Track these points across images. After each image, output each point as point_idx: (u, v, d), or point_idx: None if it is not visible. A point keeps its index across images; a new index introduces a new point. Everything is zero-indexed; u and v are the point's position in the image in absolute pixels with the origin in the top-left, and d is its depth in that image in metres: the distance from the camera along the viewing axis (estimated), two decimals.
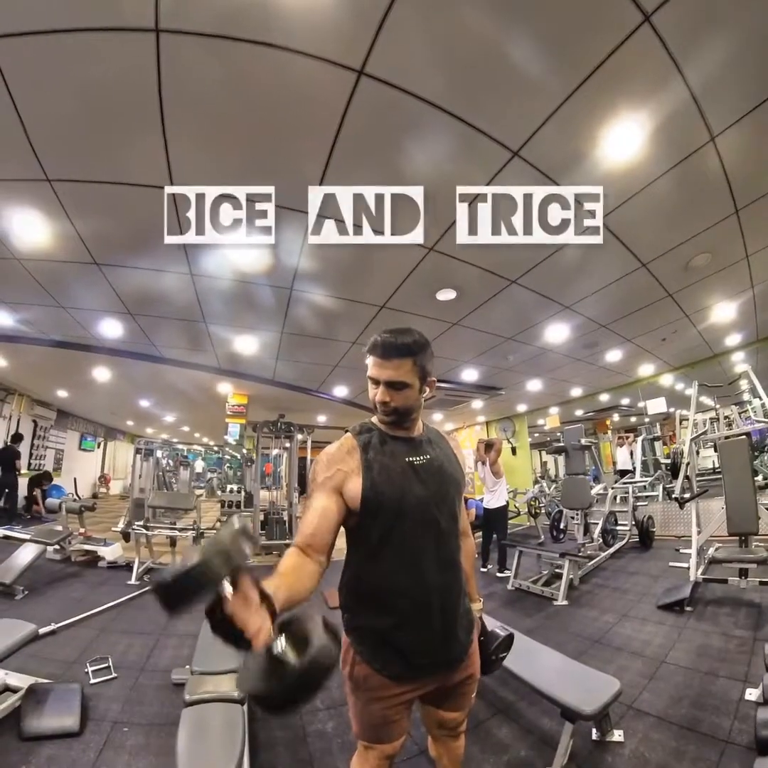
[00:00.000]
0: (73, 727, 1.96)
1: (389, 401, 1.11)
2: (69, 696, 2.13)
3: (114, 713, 2.17)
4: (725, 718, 1.98)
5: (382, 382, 1.10)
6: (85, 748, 1.88)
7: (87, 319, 4.39)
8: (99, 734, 1.99)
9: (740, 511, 3.53)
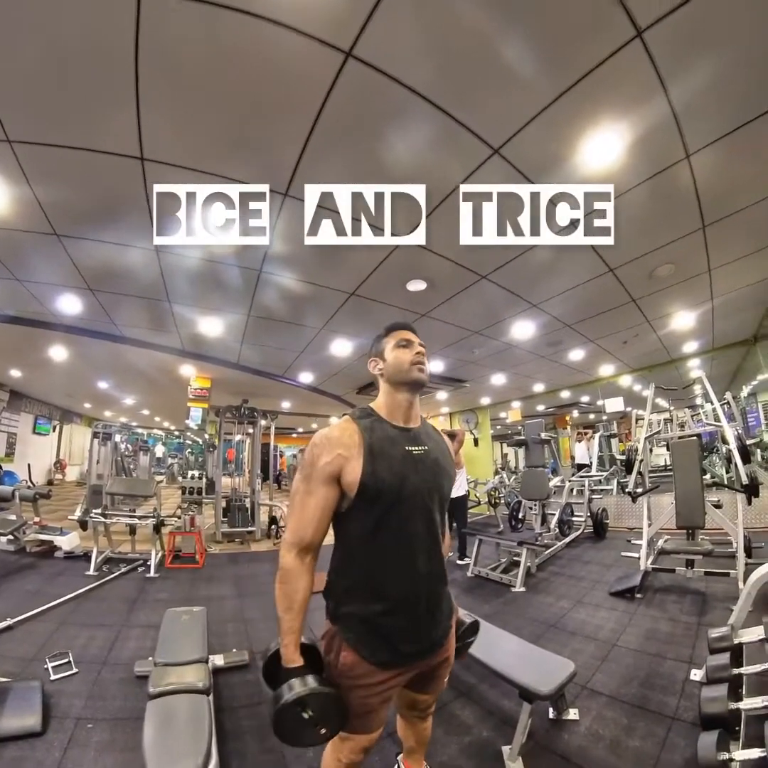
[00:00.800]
0: (35, 727, 1.88)
1: (425, 354, 1.25)
2: (29, 694, 2.04)
3: (77, 710, 2.09)
4: (672, 696, 2.13)
5: (417, 342, 1.26)
6: (50, 748, 1.81)
7: (44, 293, 4.08)
8: (63, 732, 1.91)
9: (688, 506, 3.74)
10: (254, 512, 6.84)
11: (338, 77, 1.85)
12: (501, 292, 3.97)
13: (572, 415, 12.24)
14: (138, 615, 3.37)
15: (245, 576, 4.65)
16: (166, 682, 1.91)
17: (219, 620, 3.23)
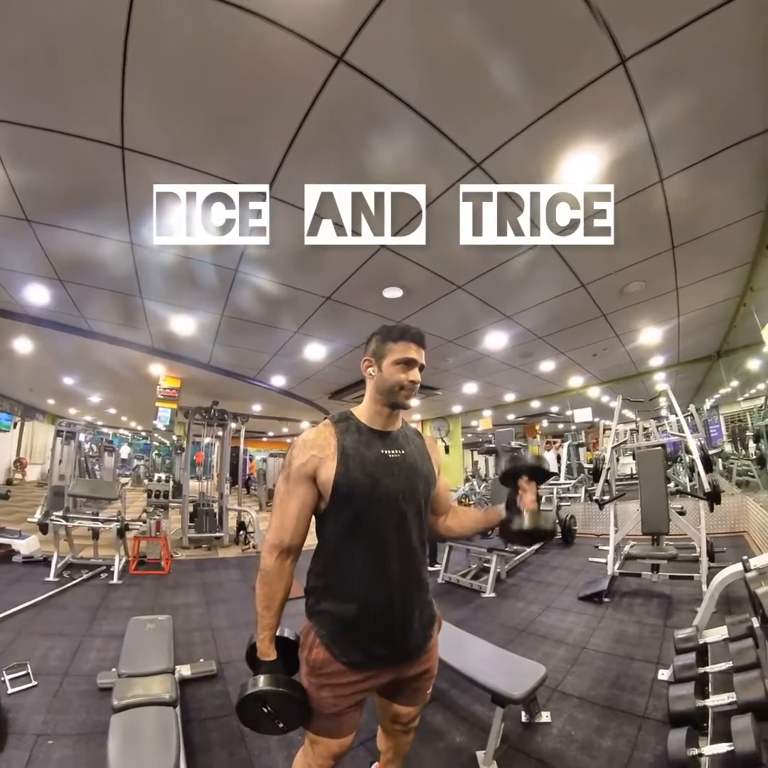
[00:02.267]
0: None
1: (419, 383, 1.20)
2: None
3: (37, 725, 1.97)
4: (641, 696, 2.20)
5: (419, 365, 1.20)
6: (8, 766, 1.70)
7: (10, 281, 3.86)
8: (21, 750, 1.80)
9: (654, 513, 3.87)
10: (222, 517, 6.67)
11: (328, 80, 1.85)
12: (476, 302, 4.04)
13: (542, 424, 12.56)
14: (101, 624, 3.22)
15: (213, 583, 4.52)
16: (131, 694, 1.83)
17: (185, 629, 3.14)
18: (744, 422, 7.24)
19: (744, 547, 4.69)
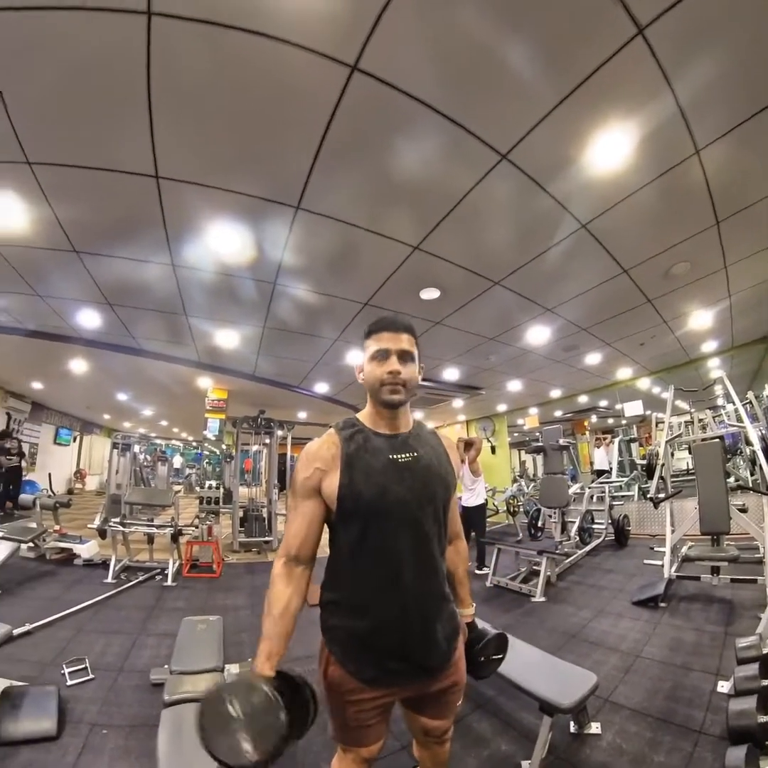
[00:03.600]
0: (50, 731, 1.90)
1: (400, 372, 1.09)
2: (45, 699, 2.06)
3: (92, 715, 2.10)
4: (698, 709, 2.05)
5: (395, 351, 1.10)
6: (64, 753, 1.82)
7: (64, 308, 4.23)
8: (77, 737, 1.93)
9: (713, 511, 3.63)
10: (271, 522, 6.87)
11: (345, 90, 1.88)
12: (514, 297, 3.95)
13: (591, 420, 12.02)
14: (155, 623, 3.39)
15: (262, 586, 4.55)
16: (182, 690, 1.92)
17: (235, 630, 3.23)
18: None
19: None
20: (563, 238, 3.06)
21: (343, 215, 2.74)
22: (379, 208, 2.69)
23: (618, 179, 2.48)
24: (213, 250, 3.12)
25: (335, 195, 2.56)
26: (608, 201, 2.68)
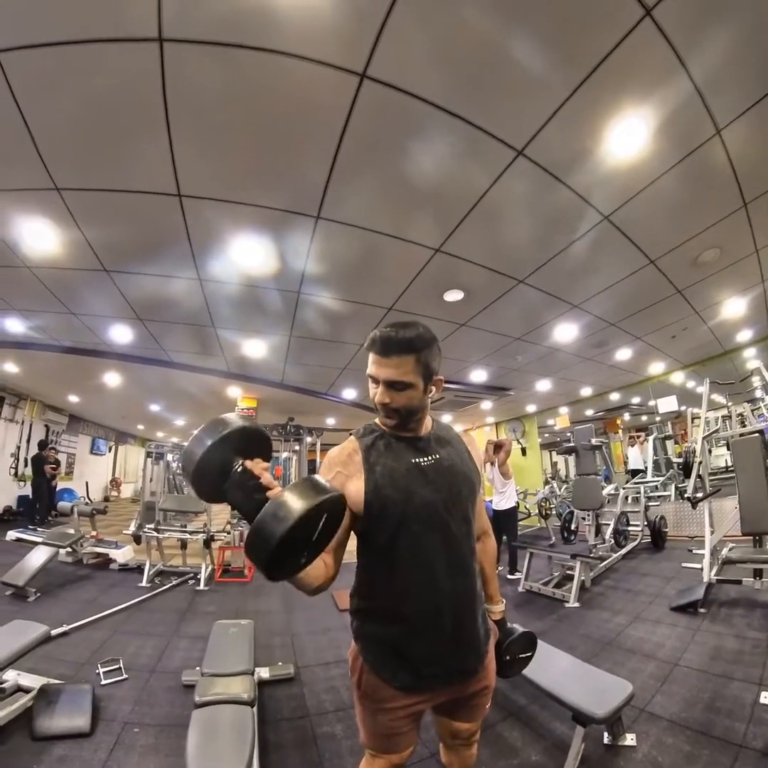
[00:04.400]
0: (84, 728, 1.98)
1: (389, 402, 1.03)
2: (80, 696, 2.15)
3: (124, 714, 2.17)
4: (739, 722, 1.93)
5: (381, 381, 1.02)
6: (96, 749, 1.89)
7: (97, 325, 4.46)
8: (110, 735, 2.00)
9: (754, 510, 3.45)
10: None
11: (356, 98, 1.91)
12: (540, 295, 3.89)
13: (623, 418, 11.63)
14: (187, 626, 3.47)
15: (293, 590, 4.65)
16: (212, 692, 1.95)
17: (266, 633, 3.27)
18: None
19: None
20: (586, 232, 3.00)
21: (362, 222, 2.78)
22: (398, 212, 2.72)
23: (638, 167, 2.42)
24: (237, 263, 3.23)
25: (354, 202, 2.60)
26: (630, 190, 2.62)
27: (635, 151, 2.30)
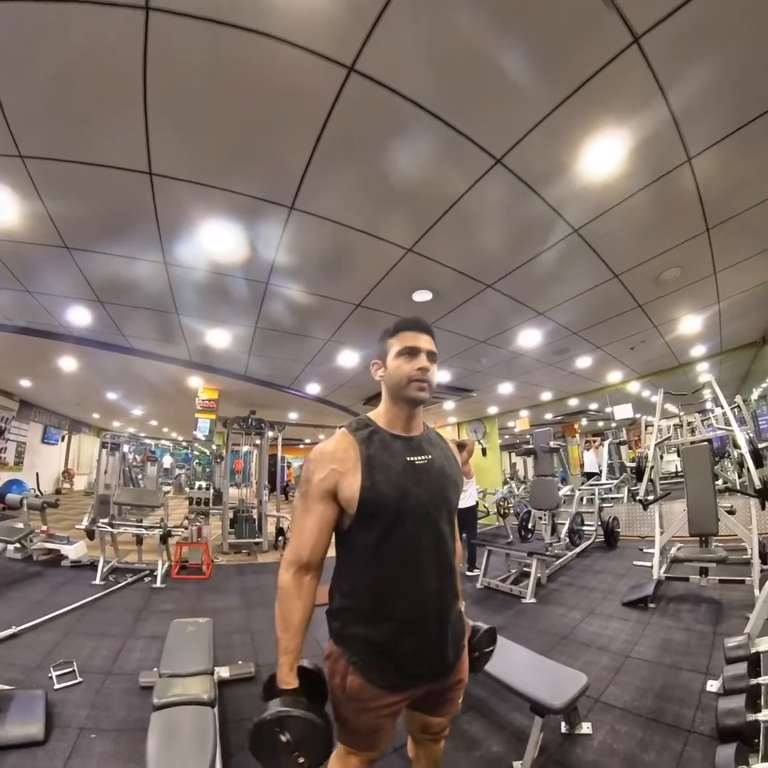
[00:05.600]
0: (37, 735, 1.87)
1: (428, 369, 1.11)
2: (32, 702, 2.03)
3: (80, 719, 2.08)
4: (688, 708, 2.07)
5: (425, 350, 1.11)
6: (51, 757, 1.80)
7: (54, 305, 4.16)
8: (65, 742, 1.90)
9: (701, 513, 3.68)
10: (261, 523, 6.84)
11: (341, 91, 1.88)
12: (506, 300, 3.98)
13: (581, 422, 12.15)
14: (144, 625, 3.36)
15: (252, 587, 4.63)
16: (171, 693, 1.89)
17: (225, 632, 3.21)
18: None
19: None
20: (555, 243, 3.09)
21: (336, 216, 2.74)
22: (373, 209, 2.70)
23: (611, 185, 2.51)
24: (205, 249, 3.10)
25: (329, 196, 2.56)
26: (601, 207, 2.71)
27: (609, 170, 2.39)
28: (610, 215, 2.78)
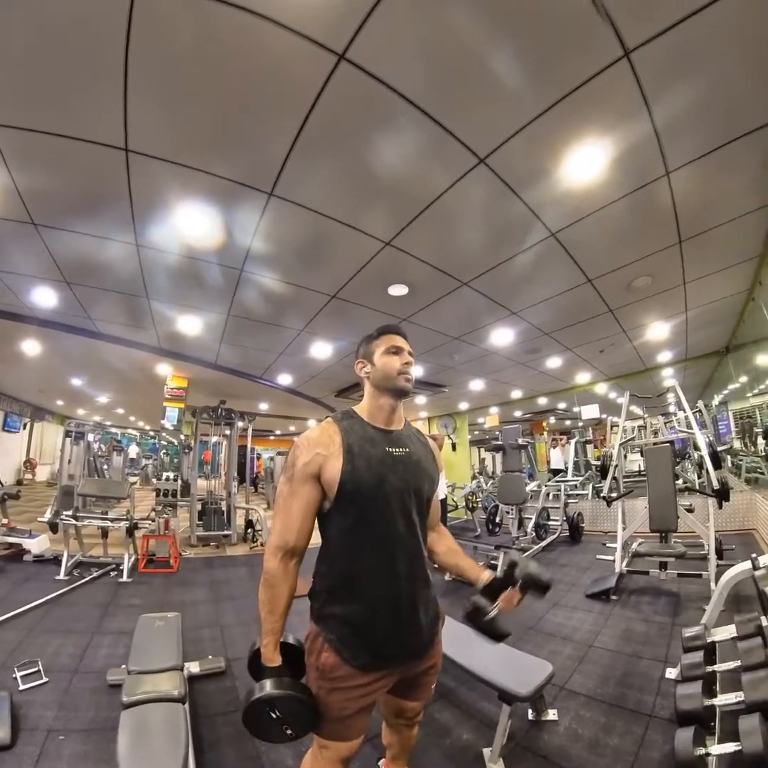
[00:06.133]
0: (4, 740, 1.79)
1: (412, 364, 1.25)
2: None
3: (48, 721, 2.00)
4: (649, 695, 2.19)
5: (406, 351, 1.26)
6: (20, 762, 1.73)
7: (18, 284, 3.90)
8: (33, 745, 1.83)
9: (662, 510, 3.84)
10: (230, 515, 6.71)
11: (330, 79, 1.84)
12: (481, 299, 4.02)
13: (549, 421, 12.48)
14: (110, 621, 3.26)
15: (221, 581, 4.55)
16: (140, 690, 1.85)
17: (194, 626, 3.16)
18: (753, 418, 7.14)
19: (753, 544, 4.65)
20: (532, 245, 3.14)
21: (316, 205, 2.68)
22: (354, 200, 2.66)
23: (590, 192, 2.58)
24: (180, 232, 2.99)
25: (310, 184, 2.51)
26: (579, 212, 2.78)
27: (589, 178, 2.44)
28: (587, 221, 2.85)
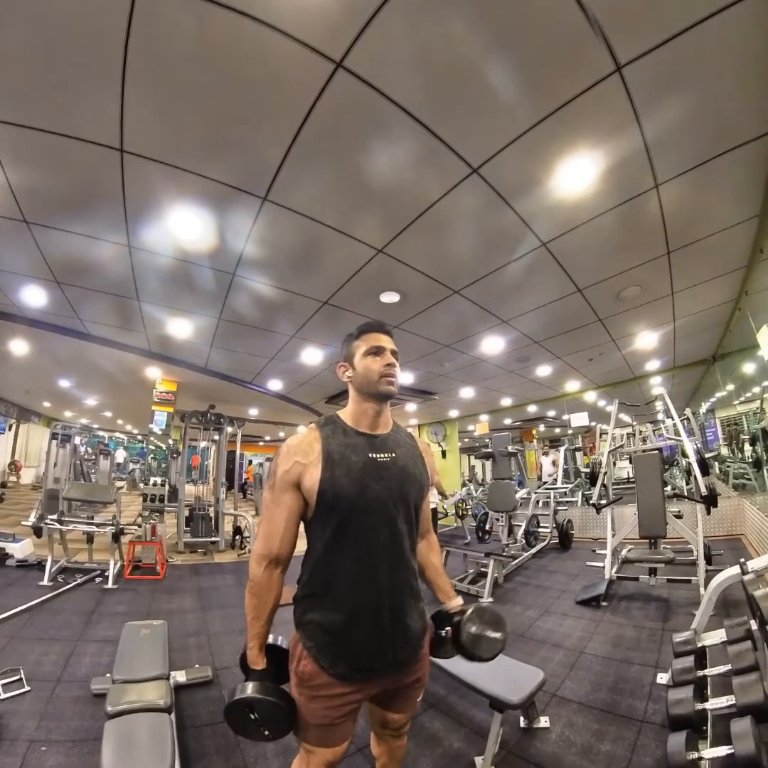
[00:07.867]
0: None
1: (396, 365, 1.19)
2: None
3: (29, 731, 1.94)
4: (640, 700, 2.19)
5: (389, 349, 1.19)
6: None
7: (7, 282, 3.84)
8: (14, 756, 1.77)
9: (651, 517, 3.87)
10: (218, 522, 6.61)
11: (327, 86, 1.87)
12: (472, 307, 4.07)
13: (539, 428, 12.58)
14: (95, 629, 3.18)
15: (208, 588, 4.48)
16: (125, 700, 1.80)
17: (181, 634, 3.11)
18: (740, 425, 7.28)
19: (741, 549, 4.70)
20: (523, 255, 3.19)
21: (310, 211, 2.71)
22: (347, 207, 2.69)
23: (580, 204, 2.63)
24: (173, 234, 2.98)
25: (304, 190, 2.53)
26: (570, 223, 2.84)
27: (580, 189, 2.51)
28: (578, 232, 2.91)
